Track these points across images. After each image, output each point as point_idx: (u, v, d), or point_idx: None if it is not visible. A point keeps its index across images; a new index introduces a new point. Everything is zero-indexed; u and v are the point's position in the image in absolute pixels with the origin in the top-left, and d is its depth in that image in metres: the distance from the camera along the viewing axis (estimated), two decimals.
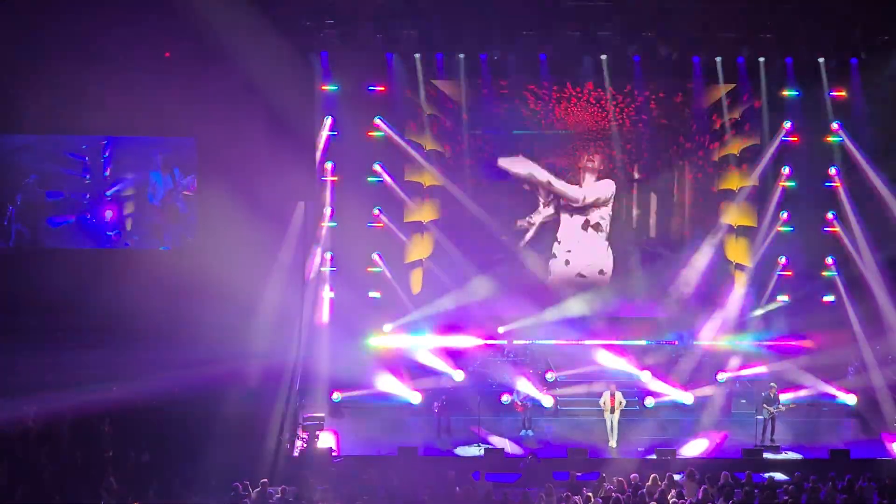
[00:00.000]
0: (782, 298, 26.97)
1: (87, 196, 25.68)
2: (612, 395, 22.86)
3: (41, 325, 24.49)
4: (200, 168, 25.33)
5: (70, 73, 23.39)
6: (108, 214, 25.75)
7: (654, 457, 21.46)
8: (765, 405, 23.06)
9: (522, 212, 27.42)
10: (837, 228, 26.72)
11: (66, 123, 24.78)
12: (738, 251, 27.10)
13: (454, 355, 25.72)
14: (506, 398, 24.13)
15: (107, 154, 25.51)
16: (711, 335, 26.60)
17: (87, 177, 25.60)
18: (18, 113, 24.59)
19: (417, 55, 25.17)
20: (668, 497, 17.60)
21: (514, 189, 27.27)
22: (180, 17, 22.55)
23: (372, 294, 26.60)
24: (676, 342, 26.72)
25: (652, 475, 18.71)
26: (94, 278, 24.45)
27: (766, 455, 22.02)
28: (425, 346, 25.85)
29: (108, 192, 25.57)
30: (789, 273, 26.91)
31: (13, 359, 22.60)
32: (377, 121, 26.04)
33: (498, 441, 22.95)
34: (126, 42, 23.32)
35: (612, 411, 22.76)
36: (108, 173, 25.61)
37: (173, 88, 23.71)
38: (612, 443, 22.63)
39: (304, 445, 21.83)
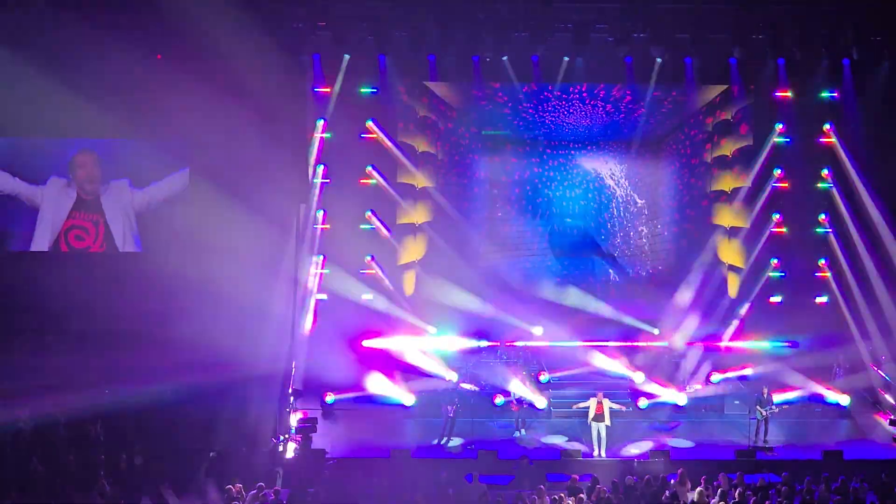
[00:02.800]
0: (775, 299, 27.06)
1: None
2: (599, 403, 22.43)
3: (34, 327, 24.43)
4: (192, 171, 25.23)
5: (63, 75, 23.31)
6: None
7: (647, 458, 21.45)
8: (758, 406, 23.08)
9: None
10: (830, 229, 26.76)
11: (58, 126, 24.67)
12: (730, 253, 27.13)
13: (447, 357, 25.74)
14: (499, 399, 24.14)
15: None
16: (704, 336, 26.64)
17: None
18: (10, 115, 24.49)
19: (410, 57, 25.13)
20: (662, 498, 17.61)
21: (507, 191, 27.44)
22: (172, 19, 22.47)
23: (365, 296, 26.57)
24: (669, 343, 26.71)
25: (646, 476, 18.72)
26: (87, 282, 24.40)
27: (760, 456, 22.02)
28: (418, 348, 25.83)
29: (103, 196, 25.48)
30: (782, 274, 26.93)
31: (7, 361, 22.52)
32: (369, 123, 26.04)
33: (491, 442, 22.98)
34: (117, 44, 23.23)
35: (600, 419, 22.32)
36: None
37: (165, 91, 23.65)
38: (596, 452, 22.17)
39: (298, 447, 21.81)
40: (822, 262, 27.09)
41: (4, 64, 23.06)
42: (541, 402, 24.33)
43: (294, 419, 23.15)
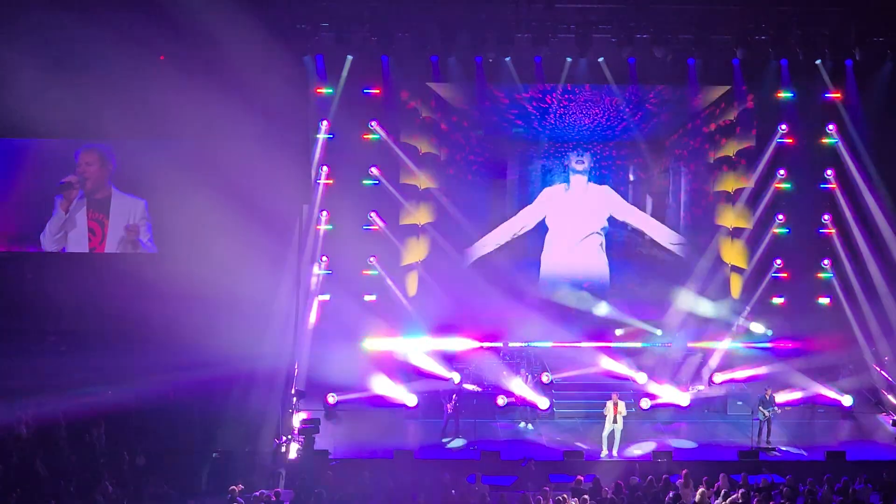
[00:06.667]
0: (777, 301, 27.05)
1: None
2: (615, 405, 22.47)
3: (38, 328, 24.45)
4: (195, 171, 25.21)
5: (64, 76, 23.32)
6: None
7: (650, 459, 21.44)
8: (760, 407, 23.07)
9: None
10: (833, 230, 26.75)
11: (60, 127, 24.66)
12: (733, 254, 27.13)
13: (450, 358, 25.73)
14: (502, 399, 24.21)
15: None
16: (706, 337, 26.62)
17: None
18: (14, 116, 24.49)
19: (412, 58, 25.12)
20: (665, 499, 17.59)
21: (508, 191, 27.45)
22: (175, 20, 22.49)
23: (367, 297, 26.55)
24: (671, 344, 26.69)
25: (648, 477, 18.71)
26: (91, 282, 24.42)
27: (762, 457, 22.01)
28: (421, 349, 25.83)
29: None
30: (785, 275, 26.92)
31: (9, 362, 22.53)
32: (372, 124, 26.04)
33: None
34: (120, 45, 23.24)
35: (615, 420, 22.34)
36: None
37: (168, 92, 23.65)
38: (605, 452, 22.26)
39: (300, 448, 21.81)
40: (825, 261, 27.05)
41: (8, 64, 23.09)
42: (543, 403, 24.34)
43: (297, 420, 23.15)
